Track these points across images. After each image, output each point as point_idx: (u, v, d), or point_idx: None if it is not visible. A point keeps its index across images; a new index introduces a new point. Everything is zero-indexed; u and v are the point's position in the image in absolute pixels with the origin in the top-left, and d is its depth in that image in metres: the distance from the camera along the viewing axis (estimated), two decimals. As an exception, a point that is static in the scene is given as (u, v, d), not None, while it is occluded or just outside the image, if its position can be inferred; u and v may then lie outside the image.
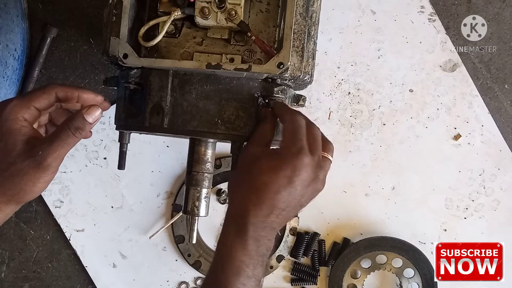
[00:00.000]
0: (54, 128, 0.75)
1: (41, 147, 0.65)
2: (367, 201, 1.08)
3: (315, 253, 1.08)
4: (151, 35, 0.76)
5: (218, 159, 1.07)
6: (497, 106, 1.08)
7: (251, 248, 0.65)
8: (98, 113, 0.69)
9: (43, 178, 0.66)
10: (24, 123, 0.67)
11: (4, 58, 0.98)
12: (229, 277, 0.64)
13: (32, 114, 0.68)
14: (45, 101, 0.69)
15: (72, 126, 0.67)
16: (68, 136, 0.66)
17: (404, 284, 1.06)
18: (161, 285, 1.10)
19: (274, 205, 0.64)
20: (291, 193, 0.65)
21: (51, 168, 0.66)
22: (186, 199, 0.83)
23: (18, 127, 0.66)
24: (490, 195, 1.08)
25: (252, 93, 0.74)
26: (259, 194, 0.64)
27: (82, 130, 0.67)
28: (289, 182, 0.64)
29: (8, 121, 0.66)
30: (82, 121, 0.67)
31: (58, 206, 1.08)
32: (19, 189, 0.66)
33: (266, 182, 0.64)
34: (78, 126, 0.67)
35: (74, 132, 0.67)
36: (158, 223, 1.09)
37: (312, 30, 0.76)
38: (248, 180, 0.66)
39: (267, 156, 0.67)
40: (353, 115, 1.08)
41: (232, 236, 0.65)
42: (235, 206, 0.67)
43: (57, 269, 1.10)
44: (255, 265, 0.65)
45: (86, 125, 0.67)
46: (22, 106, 0.67)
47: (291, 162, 0.64)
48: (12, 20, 1.00)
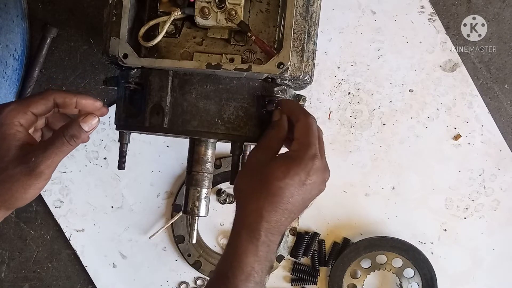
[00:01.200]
0: (50, 132, 0.74)
1: (35, 154, 0.64)
2: (367, 201, 1.08)
3: (315, 253, 1.08)
4: (151, 35, 0.76)
5: (218, 159, 1.07)
6: (497, 106, 1.08)
7: (261, 254, 0.65)
8: (95, 121, 0.68)
9: (35, 185, 0.65)
10: (20, 128, 0.66)
11: (4, 58, 0.98)
12: (238, 282, 0.64)
13: (28, 119, 0.67)
14: (43, 106, 0.68)
15: (68, 134, 0.66)
16: (62, 144, 0.66)
17: (404, 284, 1.06)
18: (161, 285, 1.10)
19: (287, 209, 0.65)
20: (304, 197, 0.66)
21: (43, 176, 0.65)
22: (186, 199, 0.83)
23: (13, 132, 0.65)
24: (490, 195, 1.08)
25: (252, 93, 0.74)
26: (274, 199, 0.64)
27: (77, 138, 0.66)
28: (302, 186, 0.65)
29: (4, 125, 0.65)
30: (78, 129, 0.67)
31: (58, 206, 1.08)
32: (9, 195, 0.64)
33: (282, 187, 0.65)
34: (73, 134, 0.66)
35: (69, 140, 0.66)
36: (158, 223, 1.09)
37: (312, 30, 0.76)
38: (261, 186, 0.66)
39: (281, 160, 0.67)
40: (353, 115, 1.08)
41: (245, 242, 0.65)
42: (248, 213, 0.66)
43: (57, 269, 1.10)
44: (263, 270, 0.66)
45: (82, 133, 0.67)
46: (19, 111, 0.66)
47: (306, 166, 0.65)
48: (12, 20, 1.00)
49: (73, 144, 0.66)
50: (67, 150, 0.66)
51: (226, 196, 1.08)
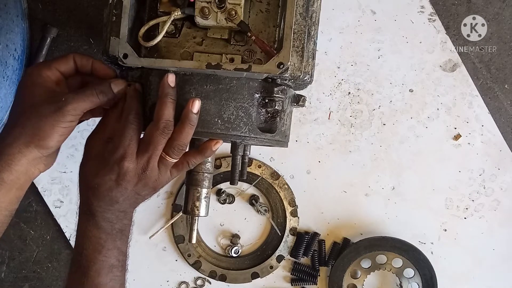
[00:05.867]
0: None
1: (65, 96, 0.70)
2: (367, 201, 1.08)
3: (315, 253, 1.08)
4: (151, 35, 0.76)
5: (218, 159, 1.07)
6: (497, 106, 1.08)
7: (105, 226, 0.71)
8: (122, 87, 0.73)
9: (61, 124, 0.69)
10: (48, 78, 0.72)
11: (4, 58, 0.98)
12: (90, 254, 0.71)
13: (54, 74, 0.73)
14: (65, 65, 0.75)
15: (98, 88, 0.72)
16: (92, 94, 0.71)
17: (404, 284, 1.06)
18: (161, 285, 1.10)
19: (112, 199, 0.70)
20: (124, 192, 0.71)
21: (69, 116, 0.69)
22: (186, 199, 0.83)
23: (41, 81, 0.72)
24: (490, 195, 1.08)
25: (252, 93, 0.74)
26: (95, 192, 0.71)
27: (105, 95, 0.72)
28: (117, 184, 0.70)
29: (32, 75, 0.72)
30: (107, 88, 0.72)
31: (58, 206, 1.08)
32: (37, 128, 0.68)
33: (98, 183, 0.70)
34: (103, 90, 0.72)
35: (98, 93, 0.71)
36: (158, 223, 1.09)
37: (312, 30, 0.76)
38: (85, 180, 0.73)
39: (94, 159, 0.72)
40: (353, 115, 1.08)
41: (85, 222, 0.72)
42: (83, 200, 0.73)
43: (57, 269, 1.10)
44: (114, 239, 0.72)
45: (110, 93, 0.72)
46: (44, 65, 0.73)
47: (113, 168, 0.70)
48: (12, 20, 0.99)
49: (100, 98, 0.71)
50: (93, 101, 0.71)
51: (226, 196, 1.08)
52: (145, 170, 0.71)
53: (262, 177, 1.07)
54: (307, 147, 1.08)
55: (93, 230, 0.71)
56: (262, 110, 0.75)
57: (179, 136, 0.70)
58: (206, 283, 1.10)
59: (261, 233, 1.10)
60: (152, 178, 0.72)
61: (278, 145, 0.80)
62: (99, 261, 0.71)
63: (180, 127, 0.70)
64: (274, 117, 0.76)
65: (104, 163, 0.70)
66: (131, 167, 0.70)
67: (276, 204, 1.09)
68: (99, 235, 0.71)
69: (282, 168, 1.08)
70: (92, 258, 0.71)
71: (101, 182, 0.70)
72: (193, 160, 0.75)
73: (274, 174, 1.08)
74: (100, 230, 0.71)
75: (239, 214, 1.09)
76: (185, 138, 0.71)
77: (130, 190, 0.71)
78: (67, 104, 0.69)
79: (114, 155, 0.70)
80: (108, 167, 0.70)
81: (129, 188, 0.71)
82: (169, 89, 0.70)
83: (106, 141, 0.72)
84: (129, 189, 0.71)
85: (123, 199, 0.71)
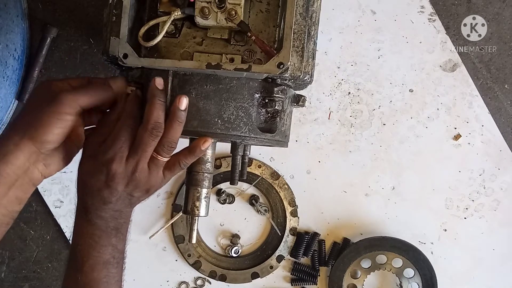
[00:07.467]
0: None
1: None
2: (367, 201, 1.08)
3: (315, 253, 1.08)
4: (151, 35, 0.76)
5: (218, 159, 1.07)
6: (497, 106, 1.08)
7: (100, 223, 0.71)
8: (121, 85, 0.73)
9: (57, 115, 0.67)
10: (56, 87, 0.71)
11: (4, 58, 0.98)
12: (84, 249, 0.71)
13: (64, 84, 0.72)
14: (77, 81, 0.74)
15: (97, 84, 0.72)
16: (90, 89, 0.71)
17: (404, 284, 1.06)
18: (161, 285, 1.10)
19: (104, 199, 0.70)
20: (114, 193, 0.70)
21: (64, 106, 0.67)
22: (186, 199, 0.83)
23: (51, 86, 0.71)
24: (490, 195, 1.08)
25: (252, 93, 0.74)
26: (88, 190, 0.71)
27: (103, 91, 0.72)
28: (106, 185, 0.70)
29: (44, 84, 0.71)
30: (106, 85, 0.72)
31: (58, 206, 1.08)
32: (33, 118, 0.67)
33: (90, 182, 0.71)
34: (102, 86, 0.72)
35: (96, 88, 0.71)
36: (158, 223, 1.09)
37: (312, 30, 0.76)
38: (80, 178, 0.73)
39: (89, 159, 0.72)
40: (353, 115, 1.08)
41: (80, 218, 0.73)
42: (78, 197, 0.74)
43: (57, 269, 1.10)
44: (109, 236, 0.72)
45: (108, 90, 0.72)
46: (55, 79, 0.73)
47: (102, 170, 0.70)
48: (12, 20, 1.00)
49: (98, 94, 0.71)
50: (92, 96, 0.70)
51: (226, 196, 1.08)
52: (134, 172, 0.70)
53: (262, 177, 1.07)
54: (307, 147, 1.08)
55: (87, 227, 0.71)
56: (262, 110, 0.75)
57: (168, 134, 0.70)
58: (206, 283, 1.10)
59: (261, 233, 1.10)
60: (142, 180, 0.72)
61: (278, 145, 0.80)
62: (93, 257, 0.71)
63: (168, 125, 0.70)
64: (274, 117, 0.76)
65: (96, 163, 0.70)
66: (119, 170, 0.70)
67: (276, 204, 1.09)
68: (93, 231, 0.71)
69: (282, 168, 1.08)
70: (86, 253, 0.71)
71: (92, 181, 0.70)
72: (184, 160, 0.74)
73: (274, 174, 1.08)
74: (94, 226, 0.71)
75: (239, 214, 1.09)
76: (174, 135, 0.71)
77: (121, 191, 0.71)
78: (64, 95, 0.68)
79: (104, 157, 0.70)
80: (98, 168, 0.70)
81: (119, 190, 0.71)
82: (156, 91, 0.70)
83: (101, 142, 0.72)
84: (119, 191, 0.71)
85: (115, 199, 0.71)
